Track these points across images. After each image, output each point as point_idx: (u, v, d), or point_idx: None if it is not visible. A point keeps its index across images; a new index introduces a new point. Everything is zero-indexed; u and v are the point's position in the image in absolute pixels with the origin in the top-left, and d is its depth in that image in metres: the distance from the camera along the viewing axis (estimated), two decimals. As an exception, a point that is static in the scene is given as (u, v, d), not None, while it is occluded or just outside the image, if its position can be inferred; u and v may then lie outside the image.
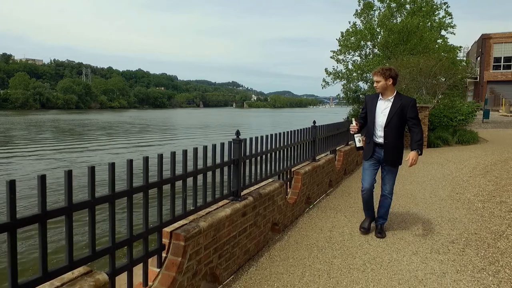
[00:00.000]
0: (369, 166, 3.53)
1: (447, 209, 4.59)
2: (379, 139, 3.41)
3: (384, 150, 3.39)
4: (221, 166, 2.77)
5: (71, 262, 1.60)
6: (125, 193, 1.88)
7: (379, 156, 3.45)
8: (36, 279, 1.46)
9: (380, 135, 3.39)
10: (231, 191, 2.93)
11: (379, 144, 3.42)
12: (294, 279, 2.75)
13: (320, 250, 3.30)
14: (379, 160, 3.48)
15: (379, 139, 3.41)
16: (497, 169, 7.03)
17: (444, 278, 2.74)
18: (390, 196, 3.56)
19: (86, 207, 1.67)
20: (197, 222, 2.40)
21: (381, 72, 3.32)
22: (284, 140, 3.91)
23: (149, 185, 2.03)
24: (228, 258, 2.73)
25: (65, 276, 1.61)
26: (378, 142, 3.42)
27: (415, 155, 3.23)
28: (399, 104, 3.31)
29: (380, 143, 3.40)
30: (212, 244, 2.51)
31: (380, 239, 3.51)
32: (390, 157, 3.39)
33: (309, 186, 4.59)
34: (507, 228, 3.80)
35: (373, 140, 3.45)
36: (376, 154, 3.46)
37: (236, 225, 2.82)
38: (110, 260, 1.81)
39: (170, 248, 2.21)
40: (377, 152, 3.46)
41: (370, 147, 3.47)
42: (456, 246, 3.36)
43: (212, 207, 2.72)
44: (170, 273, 2.14)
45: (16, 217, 1.38)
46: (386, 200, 3.57)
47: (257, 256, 3.18)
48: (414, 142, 3.29)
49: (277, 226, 3.64)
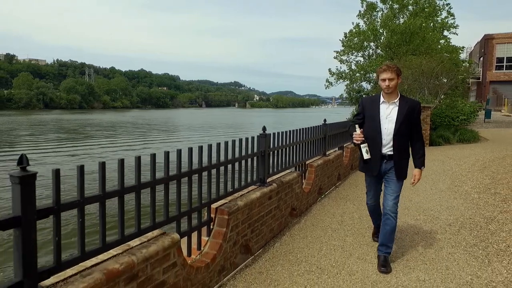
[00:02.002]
0: (372, 182, 3.08)
1: (446, 199, 5.07)
2: (387, 150, 2.87)
3: (394, 163, 2.87)
4: (252, 156, 3.26)
5: (154, 223, 2.11)
6: (189, 173, 2.40)
7: (383, 169, 2.93)
8: (134, 233, 1.97)
9: (388, 145, 2.86)
10: (258, 178, 3.43)
11: (386, 156, 2.88)
12: (313, 252, 3.25)
13: (334, 230, 3.80)
14: (382, 173, 2.97)
15: (387, 150, 2.87)
16: (494, 165, 7.50)
17: (441, 251, 3.23)
18: (394, 216, 2.88)
19: (162, 182, 2.18)
20: (235, 201, 2.90)
21: (396, 68, 2.79)
22: (300, 136, 4.41)
23: (203, 168, 2.54)
24: (258, 234, 3.23)
25: (148, 235, 2.11)
26: (385, 153, 2.88)
27: (419, 173, 2.90)
28: (406, 107, 2.82)
29: (389, 154, 2.87)
30: (247, 220, 3.01)
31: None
32: (398, 170, 2.87)
33: (321, 177, 5.08)
34: (499, 214, 4.28)
35: (380, 151, 2.88)
36: (381, 168, 2.93)
37: (263, 207, 3.32)
38: (176, 225, 2.32)
39: (216, 221, 2.71)
40: (381, 166, 2.92)
41: (376, 161, 2.89)
42: (453, 228, 3.85)
43: (243, 190, 3.22)
44: (217, 241, 2.65)
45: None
46: (388, 220, 2.88)
47: (280, 235, 3.68)
48: (417, 158, 2.90)
49: (295, 211, 4.13)
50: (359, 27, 20.16)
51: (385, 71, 2.77)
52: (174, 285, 2.13)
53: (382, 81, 2.81)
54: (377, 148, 2.87)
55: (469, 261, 3.02)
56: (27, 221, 1.39)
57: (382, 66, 2.83)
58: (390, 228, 2.88)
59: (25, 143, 20.50)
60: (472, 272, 2.83)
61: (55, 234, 1.55)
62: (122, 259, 1.81)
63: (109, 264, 1.74)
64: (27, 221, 1.39)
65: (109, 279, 1.68)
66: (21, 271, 1.39)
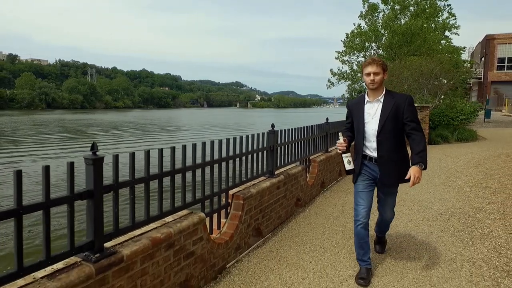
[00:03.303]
0: (363, 188, 2.72)
1: (439, 192, 5.46)
2: (372, 152, 2.66)
3: (379, 167, 2.65)
4: (262, 150, 3.66)
5: (184, 203, 2.51)
6: (211, 162, 2.81)
7: (374, 173, 2.69)
8: (169, 210, 2.38)
9: (372, 147, 2.64)
10: (268, 169, 3.82)
11: (372, 159, 2.68)
12: (317, 235, 3.65)
13: (335, 218, 4.19)
14: (375, 178, 2.71)
15: (372, 152, 2.66)
16: (489, 162, 7.87)
17: (431, 236, 3.62)
18: (390, 220, 3.01)
19: (191, 169, 2.58)
20: (249, 189, 3.30)
21: (381, 62, 2.60)
22: (304, 133, 4.80)
23: (222, 158, 2.94)
24: (267, 219, 3.62)
25: (179, 213, 2.51)
26: (370, 156, 2.68)
27: (418, 171, 2.47)
28: (391, 103, 2.59)
29: (373, 157, 2.66)
30: (258, 206, 3.41)
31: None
32: (387, 176, 2.65)
33: (323, 172, 5.48)
34: (487, 205, 4.66)
35: (365, 154, 2.71)
36: (370, 171, 2.70)
37: (272, 195, 3.72)
38: (201, 206, 2.72)
39: (232, 205, 3.11)
40: (370, 169, 2.70)
41: (358, 164, 2.72)
42: (443, 216, 4.23)
43: (255, 180, 3.61)
44: (234, 222, 3.05)
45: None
46: (386, 222, 3.03)
47: (286, 221, 4.07)
48: (415, 154, 2.52)
49: (299, 201, 4.53)
50: (361, 28, 20.47)
51: (370, 65, 2.58)
52: (200, 256, 2.53)
53: (367, 75, 2.61)
54: (361, 152, 2.71)
55: (455, 243, 3.41)
56: (97, 193, 1.79)
57: (367, 59, 2.65)
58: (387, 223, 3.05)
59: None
60: (456, 251, 3.21)
61: (114, 206, 1.95)
62: (163, 230, 2.21)
63: (153, 233, 2.15)
64: (98, 194, 1.79)
65: (154, 245, 2.09)
66: (93, 233, 1.79)
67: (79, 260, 1.75)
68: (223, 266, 2.84)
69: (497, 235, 3.57)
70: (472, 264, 2.96)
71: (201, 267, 2.54)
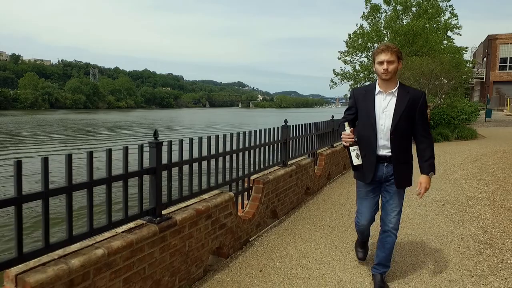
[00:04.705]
0: (367, 194, 2.53)
1: (436, 183, 5.92)
2: (384, 151, 2.39)
3: (393, 167, 2.39)
4: (277, 143, 4.14)
5: (216, 184, 3.00)
6: (237, 150, 3.30)
7: (381, 175, 2.44)
8: (206, 189, 2.87)
9: (385, 145, 2.38)
10: (281, 160, 4.31)
11: (382, 158, 2.40)
12: (325, 218, 4.13)
13: (341, 204, 4.68)
14: (380, 181, 2.48)
15: (384, 151, 2.39)
16: (485, 158, 8.32)
17: (426, 218, 4.09)
18: (395, 233, 2.50)
19: (222, 155, 3.07)
20: (266, 176, 3.79)
21: (396, 50, 2.29)
22: (312, 128, 5.29)
23: (245, 148, 3.43)
24: (282, 203, 4.11)
25: (212, 192, 3.00)
26: (381, 155, 2.40)
27: (428, 182, 2.35)
28: (407, 98, 2.32)
29: (385, 156, 2.39)
30: (274, 191, 3.89)
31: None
32: (399, 176, 2.40)
33: (330, 165, 5.96)
34: (479, 194, 5.12)
35: (374, 153, 2.40)
36: (378, 173, 2.44)
37: (286, 182, 4.20)
38: (229, 187, 3.20)
39: (253, 188, 3.60)
40: (378, 171, 2.43)
41: (371, 164, 2.40)
42: (438, 203, 4.70)
43: (270, 169, 4.10)
44: (255, 203, 3.54)
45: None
46: (389, 238, 2.50)
47: (298, 207, 4.56)
48: (424, 161, 2.36)
49: (308, 190, 5.01)
50: (363, 28, 20.81)
51: (384, 52, 2.26)
52: (230, 228, 3.02)
53: (379, 64, 2.29)
54: (371, 149, 2.38)
55: (447, 224, 3.89)
56: (159, 170, 2.28)
57: (380, 46, 2.32)
58: (391, 246, 2.50)
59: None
60: (448, 230, 3.69)
61: (168, 181, 2.44)
62: (202, 203, 2.70)
63: (196, 205, 2.64)
64: (159, 170, 2.28)
65: (197, 214, 2.58)
66: (155, 201, 2.28)
67: (144, 222, 2.24)
68: (247, 239, 3.33)
69: (485, 217, 4.04)
70: (461, 239, 3.44)
71: (230, 237, 3.03)
